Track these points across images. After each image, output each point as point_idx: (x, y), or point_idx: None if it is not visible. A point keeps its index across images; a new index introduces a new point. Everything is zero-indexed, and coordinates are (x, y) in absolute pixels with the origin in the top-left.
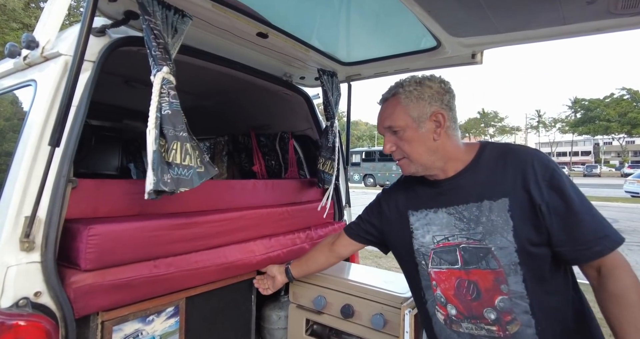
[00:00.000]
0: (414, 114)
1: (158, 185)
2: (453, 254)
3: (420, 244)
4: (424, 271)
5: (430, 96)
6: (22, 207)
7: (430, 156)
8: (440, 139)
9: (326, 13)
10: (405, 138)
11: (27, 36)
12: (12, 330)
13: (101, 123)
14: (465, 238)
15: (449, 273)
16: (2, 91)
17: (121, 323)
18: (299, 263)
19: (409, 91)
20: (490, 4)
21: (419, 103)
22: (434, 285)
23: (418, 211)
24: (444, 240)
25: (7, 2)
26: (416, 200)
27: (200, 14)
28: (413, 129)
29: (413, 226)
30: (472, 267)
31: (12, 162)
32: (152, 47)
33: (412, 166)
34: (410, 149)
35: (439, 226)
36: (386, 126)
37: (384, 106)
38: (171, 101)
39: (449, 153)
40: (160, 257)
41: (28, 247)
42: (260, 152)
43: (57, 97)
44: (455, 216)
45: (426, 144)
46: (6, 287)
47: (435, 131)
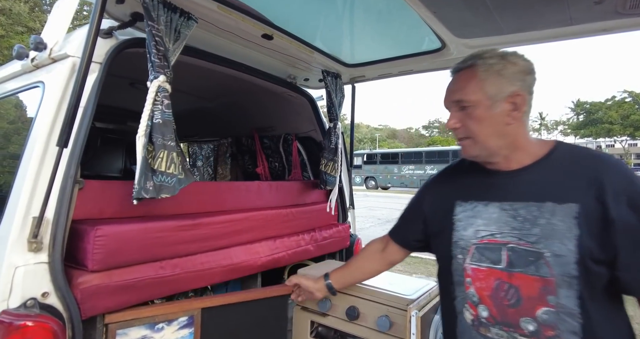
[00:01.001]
0: (490, 91)
1: (140, 193)
2: (497, 252)
3: (460, 237)
4: (459, 266)
5: (512, 73)
6: (30, 208)
7: (497, 141)
8: (514, 125)
9: (331, 14)
10: (475, 116)
11: (35, 38)
12: (19, 331)
13: (105, 125)
14: (517, 238)
15: (488, 271)
16: (10, 92)
17: (126, 327)
18: (342, 274)
19: (490, 64)
20: (496, 5)
21: (498, 79)
22: (468, 282)
23: (467, 202)
24: (490, 236)
25: (13, 6)
26: (466, 190)
27: (205, 16)
28: (485, 107)
29: (456, 217)
30: (518, 270)
31: (20, 163)
32: (152, 53)
33: (475, 148)
34: (478, 129)
35: (486, 220)
36: (455, 99)
37: (456, 76)
38: (164, 110)
39: (518, 142)
40: (166, 258)
41: (36, 248)
42: (263, 154)
43: (65, 99)
44: (509, 213)
45: (496, 126)
46: (14, 287)
47: (509, 114)
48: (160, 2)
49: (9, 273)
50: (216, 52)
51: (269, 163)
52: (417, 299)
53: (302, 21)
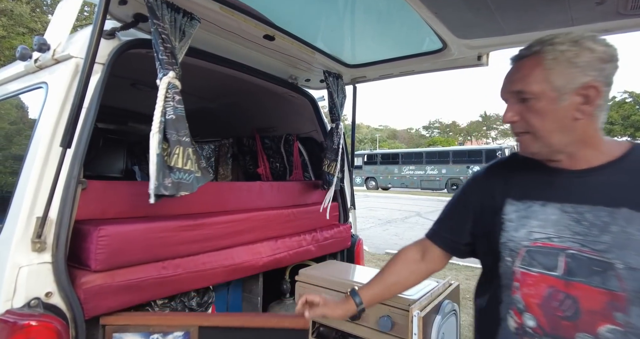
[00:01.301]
0: (557, 82)
1: (159, 189)
2: (554, 258)
3: (510, 238)
4: (507, 269)
5: (587, 61)
6: (33, 208)
7: (562, 137)
8: (583, 120)
9: (332, 15)
10: (537, 109)
11: (39, 39)
12: (23, 330)
13: (106, 126)
14: (579, 244)
15: (539, 278)
16: (13, 93)
17: (121, 331)
18: (376, 291)
19: (560, 51)
20: (498, 6)
21: (569, 69)
22: (516, 286)
23: (520, 201)
24: (546, 240)
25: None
26: (520, 188)
27: (208, 17)
28: (550, 99)
29: (506, 216)
30: (578, 280)
31: (24, 164)
32: (160, 51)
33: (536, 144)
34: (540, 124)
35: (542, 221)
36: (514, 90)
37: (518, 65)
38: (176, 106)
39: (587, 139)
40: (168, 258)
41: (39, 248)
42: (265, 155)
43: (68, 99)
44: (572, 216)
45: (562, 121)
46: (18, 287)
47: (579, 108)
48: (163, 2)
49: (13, 273)
50: (218, 52)
51: (270, 164)
52: (418, 299)
53: (303, 22)
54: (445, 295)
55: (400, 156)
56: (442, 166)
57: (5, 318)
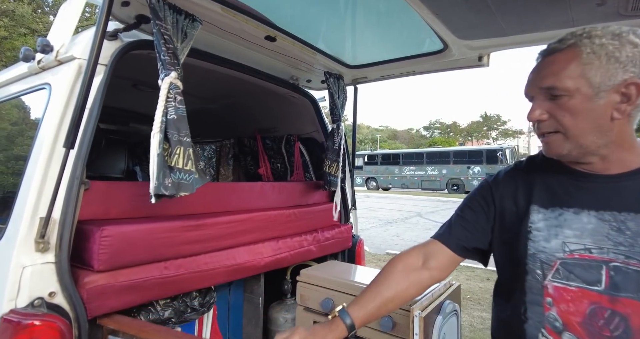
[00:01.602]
0: (594, 78)
1: (159, 189)
2: (595, 271)
3: (540, 249)
4: (536, 283)
5: (630, 57)
6: (37, 209)
7: (597, 138)
8: (621, 120)
9: (333, 16)
10: (569, 107)
11: (42, 40)
12: (27, 330)
13: (108, 126)
14: (623, 256)
15: (579, 293)
16: (16, 94)
17: (115, 334)
18: (368, 310)
19: (600, 45)
20: (499, 7)
21: (609, 64)
22: (548, 302)
23: (548, 209)
24: (583, 251)
25: (17, 8)
26: (547, 194)
27: (210, 18)
28: (586, 97)
29: (533, 225)
30: (625, 295)
31: (28, 164)
32: (162, 51)
33: (566, 145)
34: (573, 124)
35: (578, 231)
36: (545, 86)
37: (549, 59)
38: (177, 107)
39: (623, 141)
40: (170, 258)
41: (43, 248)
42: (266, 155)
43: (71, 100)
44: (611, 225)
45: (598, 121)
46: (22, 287)
47: (617, 107)
48: (166, 4)
49: (16, 273)
50: (220, 53)
51: (271, 164)
52: (420, 299)
53: (304, 23)
54: (446, 295)
55: (401, 157)
56: (442, 167)
57: (9, 318)
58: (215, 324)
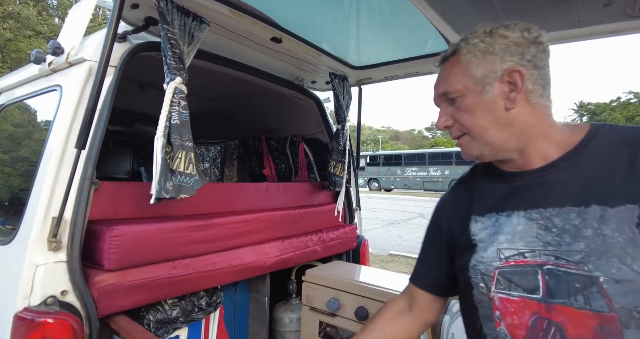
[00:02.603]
0: (477, 74)
1: (160, 193)
2: (532, 277)
3: (479, 260)
4: (483, 296)
5: (503, 48)
6: (49, 208)
7: (499, 132)
8: (517, 108)
9: (338, 18)
10: (464, 106)
11: (53, 43)
12: (40, 327)
13: (114, 127)
14: (554, 257)
15: (522, 303)
16: (27, 96)
17: (118, 335)
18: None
19: (473, 44)
20: (504, 8)
21: (485, 58)
22: (497, 316)
23: (484, 216)
24: (517, 256)
25: (22, 10)
26: (482, 201)
27: (217, 20)
28: (475, 93)
29: (476, 237)
30: (558, 301)
31: (40, 165)
32: (168, 55)
33: (475, 145)
34: (472, 122)
35: (509, 235)
36: (440, 93)
37: (441, 68)
38: (181, 112)
39: (531, 129)
40: (178, 258)
41: (55, 247)
42: (270, 156)
43: (82, 102)
44: (539, 223)
45: (493, 113)
46: (35, 285)
47: (507, 96)
48: (174, 7)
49: (30, 272)
50: (226, 55)
51: (275, 165)
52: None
53: (310, 24)
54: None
55: (403, 157)
56: (444, 167)
57: (23, 315)
58: (221, 323)
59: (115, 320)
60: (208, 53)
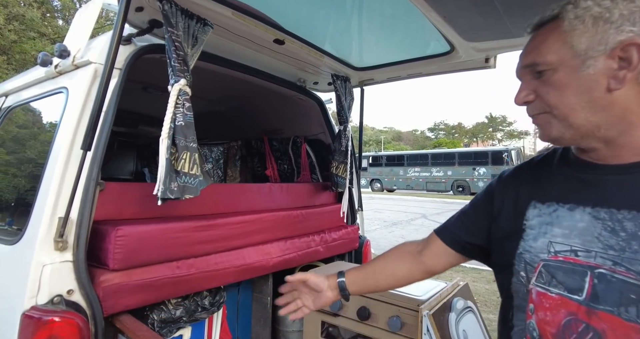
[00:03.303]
0: (579, 45)
1: (165, 193)
2: (579, 277)
3: (527, 249)
4: (521, 286)
5: (625, 15)
6: (56, 209)
7: (591, 115)
8: (623, 90)
9: (340, 19)
10: (554, 82)
11: (59, 46)
12: (47, 326)
13: (117, 128)
14: (611, 261)
15: (559, 301)
16: (34, 98)
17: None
18: (360, 275)
19: (584, 8)
20: (506, 9)
21: (597, 26)
22: (531, 309)
23: (544, 204)
24: (569, 253)
25: (26, 13)
26: (549, 188)
27: (220, 22)
28: (571, 68)
29: (527, 222)
30: (603, 308)
31: (46, 166)
32: (172, 58)
33: (555, 126)
34: (558, 100)
35: (567, 230)
36: (526, 63)
37: (534, 35)
38: (185, 113)
39: (633, 117)
40: (182, 258)
41: (61, 247)
42: (272, 157)
43: (88, 104)
44: (605, 225)
45: (589, 93)
46: (42, 285)
47: (614, 75)
48: (178, 10)
49: (37, 271)
50: (229, 56)
51: (278, 165)
52: (428, 299)
53: (312, 26)
54: (454, 294)
55: (406, 158)
56: (447, 168)
57: (30, 314)
58: (224, 323)
59: (120, 319)
60: (211, 54)
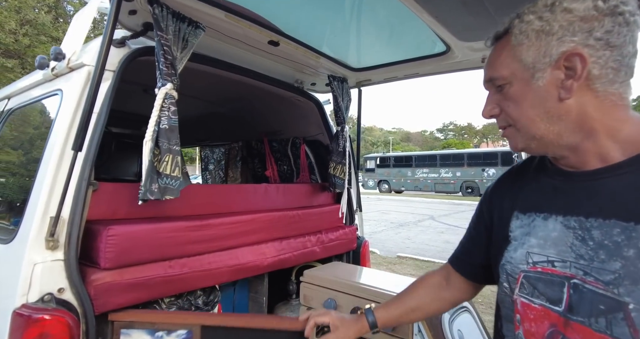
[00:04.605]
0: (527, 59)
1: (145, 194)
2: (558, 288)
3: (508, 260)
4: (506, 297)
5: (564, 26)
6: (47, 208)
7: (549, 124)
8: (575, 98)
9: (336, 20)
10: (511, 95)
11: (55, 49)
12: (38, 324)
13: (121, 130)
14: (582, 272)
15: (542, 312)
16: (32, 100)
17: (129, 328)
18: (396, 316)
19: (527, 22)
20: (497, 9)
21: (540, 40)
22: (518, 320)
23: (525, 214)
24: (547, 264)
25: (38, 17)
26: (528, 197)
27: (213, 25)
28: (523, 81)
29: (512, 233)
30: (576, 319)
31: (39, 166)
32: (161, 61)
33: (519, 137)
34: (518, 113)
35: (542, 240)
36: (486, 79)
37: (492, 49)
38: (170, 117)
39: (593, 123)
40: (175, 257)
41: (53, 246)
42: (272, 158)
43: (81, 105)
44: (577, 233)
45: (544, 104)
46: (33, 283)
47: (563, 85)
48: (169, 13)
49: (28, 269)
50: (225, 59)
51: (277, 166)
52: None
53: (308, 27)
54: None
55: (414, 159)
56: (456, 169)
57: (21, 312)
58: None
59: (128, 313)
60: (209, 57)
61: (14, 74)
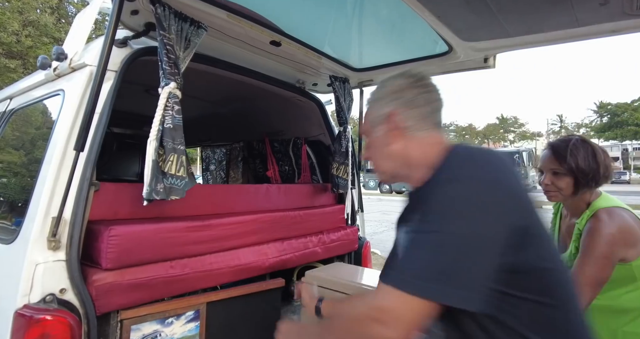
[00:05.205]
0: (371, 118)
1: (151, 194)
2: None
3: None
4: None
5: (384, 96)
6: (49, 208)
7: (389, 163)
8: (397, 143)
9: (338, 21)
10: (367, 145)
11: (57, 49)
12: (39, 324)
13: (123, 131)
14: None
15: None
16: (34, 100)
17: (139, 322)
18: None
19: (370, 94)
20: (500, 9)
21: (375, 105)
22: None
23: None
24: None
25: (40, 18)
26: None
27: (216, 25)
28: (370, 133)
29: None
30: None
31: (41, 167)
32: (164, 61)
33: (378, 174)
34: (369, 155)
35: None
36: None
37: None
38: (174, 116)
39: (411, 159)
40: (176, 258)
41: (54, 246)
42: (274, 158)
43: (83, 105)
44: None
45: (381, 149)
46: (35, 283)
47: (388, 135)
48: (171, 13)
49: (30, 270)
50: (227, 58)
51: (279, 167)
52: None
53: (310, 28)
54: None
55: None
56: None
57: (22, 312)
58: None
59: (141, 309)
60: (211, 57)
61: (17, 75)
